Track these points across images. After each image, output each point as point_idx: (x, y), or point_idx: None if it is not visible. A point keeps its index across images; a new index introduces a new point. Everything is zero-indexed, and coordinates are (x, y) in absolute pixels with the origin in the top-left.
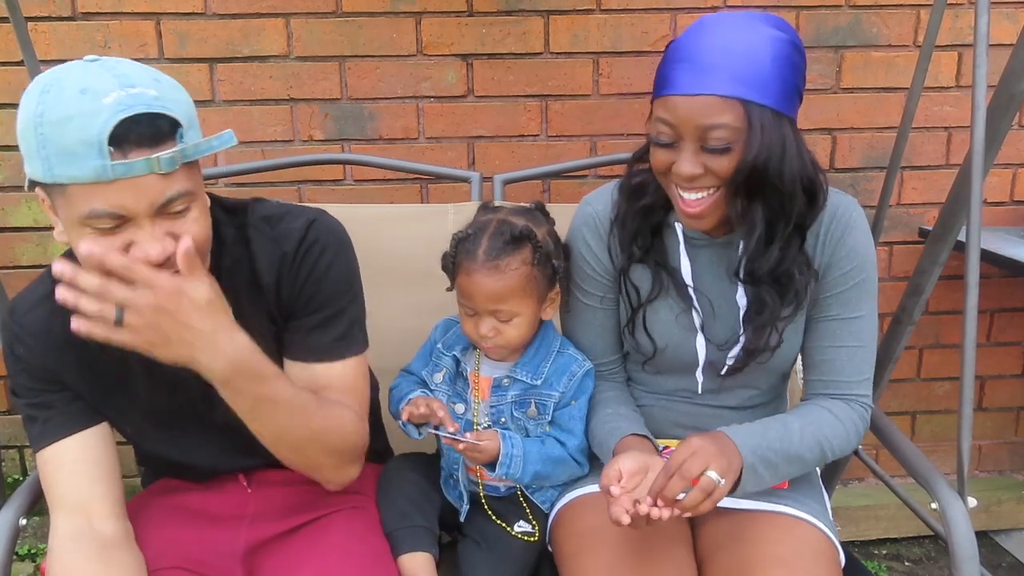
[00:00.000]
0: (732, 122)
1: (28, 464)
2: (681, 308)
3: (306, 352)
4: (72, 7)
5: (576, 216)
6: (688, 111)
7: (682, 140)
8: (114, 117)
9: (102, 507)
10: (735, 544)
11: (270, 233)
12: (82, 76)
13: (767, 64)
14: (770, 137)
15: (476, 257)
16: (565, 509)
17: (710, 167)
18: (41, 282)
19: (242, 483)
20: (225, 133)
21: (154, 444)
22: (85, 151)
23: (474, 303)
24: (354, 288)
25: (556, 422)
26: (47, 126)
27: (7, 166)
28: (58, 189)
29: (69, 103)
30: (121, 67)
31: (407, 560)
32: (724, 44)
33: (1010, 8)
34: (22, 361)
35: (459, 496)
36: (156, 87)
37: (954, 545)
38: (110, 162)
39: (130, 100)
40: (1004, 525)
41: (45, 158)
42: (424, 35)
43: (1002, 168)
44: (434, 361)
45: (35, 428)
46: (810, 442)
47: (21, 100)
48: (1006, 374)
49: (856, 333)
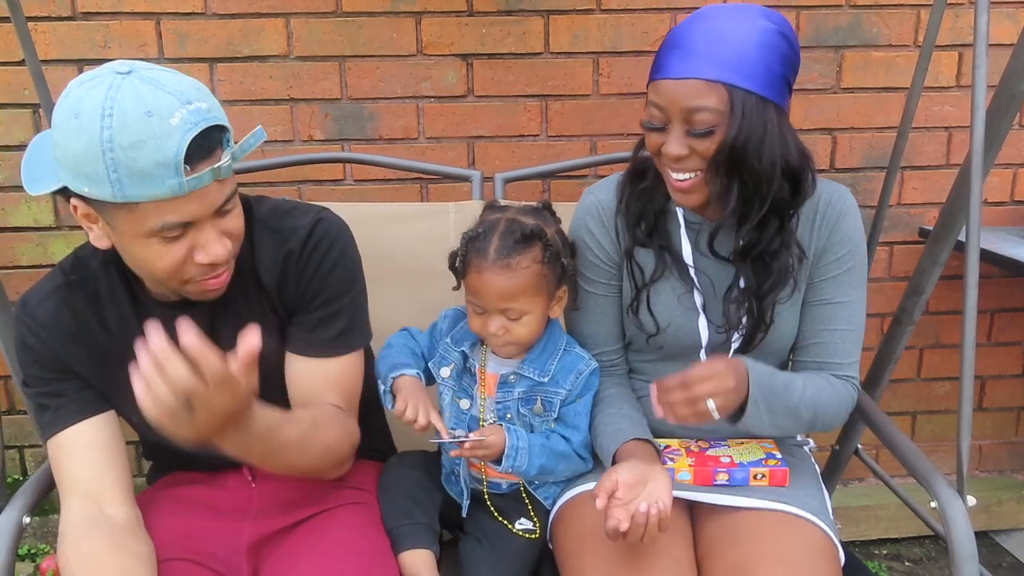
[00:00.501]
0: (715, 105)
1: (28, 464)
2: (683, 289)
3: (309, 347)
4: (72, 7)
5: (579, 206)
6: (675, 94)
7: (670, 123)
8: (185, 138)
9: (113, 493)
10: (735, 542)
11: (275, 228)
12: (139, 96)
13: (752, 51)
14: (751, 121)
15: (487, 255)
16: (566, 507)
17: (695, 148)
18: (52, 276)
19: (246, 477)
20: (258, 130)
21: (160, 434)
22: (162, 172)
23: (484, 301)
24: (358, 284)
25: (561, 418)
26: (119, 151)
27: (7, 166)
28: (120, 207)
29: (138, 127)
30: (166, 79)
31: (408, 557)
32: (713, 31)
33: (1010, 8)
34: (34, 352)
35: (461, 492)
36: (203, 98)
37: (953, 544)
38: (185, 179)
39: (193, 117)
40: (1004, 525)
41: (116, 180)
42: (424, 35)
43: (1002, 168)
44: (442, 354)
45: (46, 416)
46: (808, 403)
47: (70, 124)
48: (1006, 374)
49: (848, 317)
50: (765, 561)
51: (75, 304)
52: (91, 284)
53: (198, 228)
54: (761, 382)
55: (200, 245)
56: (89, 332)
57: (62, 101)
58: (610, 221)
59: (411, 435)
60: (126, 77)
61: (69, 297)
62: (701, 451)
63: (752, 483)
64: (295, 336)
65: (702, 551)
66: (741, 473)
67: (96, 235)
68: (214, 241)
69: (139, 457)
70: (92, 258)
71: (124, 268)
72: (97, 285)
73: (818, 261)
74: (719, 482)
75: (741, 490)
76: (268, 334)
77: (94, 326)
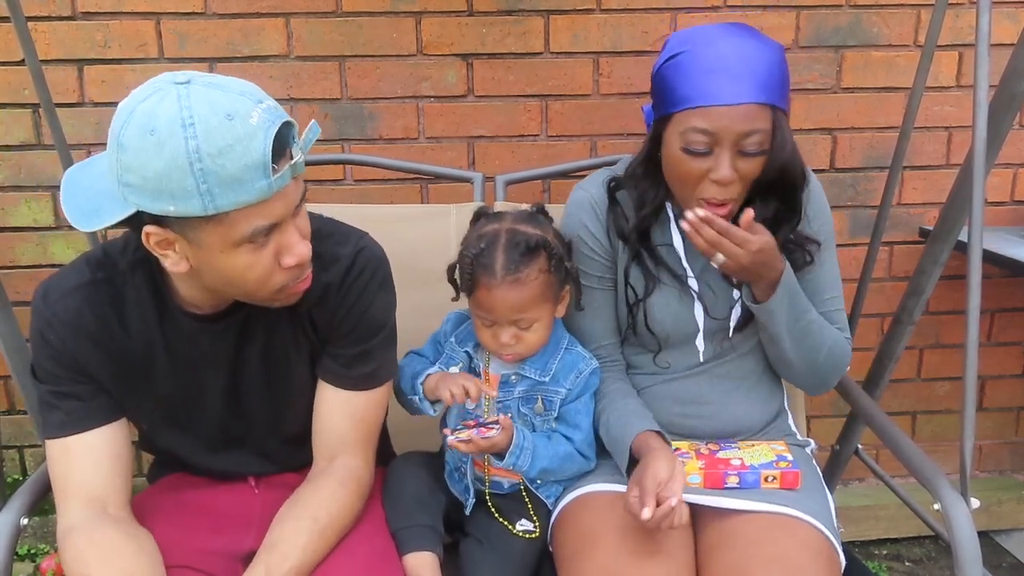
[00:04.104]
0: (766, 127)
1: (28, 464)
2: (678, 286)
3: (343, 380)
4: (72, 7)
5: (571, 202)
6: (730, 120)
7: (719, 147)
8: (268, 135)
9: (116, 498)
10: (733, 544)
11: (315, 252)
12: (213, 101)
13: (777, 71)
14: (785, 136)
15: (495, 273)
16: (567, 509)
17: (741, 171)
18: (77, 270)
19: (250, 484)
20: (312, 124)
21: (169, 441)
22: (252, 175)
23: (495, 315)
24: (391, 320)
25: (562, 417)
26: (207, 160)
27: (7, 166)
28: (207, 221)
29: (223, 132)
30: (228, 83)
31: (412, 559)
32: (746, 55)
33: (1011, 8)
34: (51, 347)
35: (465, 489)
36: (267, 96)
37: (957, 547)
38: (273, 178)
39: (268, 116)
40: (1004, 525)
41: (206, 192)
42: (424, 35)
43: (1002, 168)
44: (448, 354)
45: (55, 416)
46: (820, 328)
47: (146, 142)
48: (1006, 374)
49: (833, 283)
50: (763, 563)
51: (98, 304)
52: (117, 284)
53: (281, 231)
54: (791, 282)
55: (285, 247)
56: (109, 334)
57: (126, 121)
58: (604, 215)
59: (411, 437)
60: (188, 86)
61: (92, 296)
62: (711, 453)
63: (763, 485)
64: (328, 367)
65: (702, 554)
66: (752, 475)
67: (173, 260)
68: (298, 242)
69: (139, 455)
70: (121, 256)
71: (153, 273)
72: (124, 287)
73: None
74: (729, 485)
75: (747, 493)
76: (297, 356)
77: (115, 329)
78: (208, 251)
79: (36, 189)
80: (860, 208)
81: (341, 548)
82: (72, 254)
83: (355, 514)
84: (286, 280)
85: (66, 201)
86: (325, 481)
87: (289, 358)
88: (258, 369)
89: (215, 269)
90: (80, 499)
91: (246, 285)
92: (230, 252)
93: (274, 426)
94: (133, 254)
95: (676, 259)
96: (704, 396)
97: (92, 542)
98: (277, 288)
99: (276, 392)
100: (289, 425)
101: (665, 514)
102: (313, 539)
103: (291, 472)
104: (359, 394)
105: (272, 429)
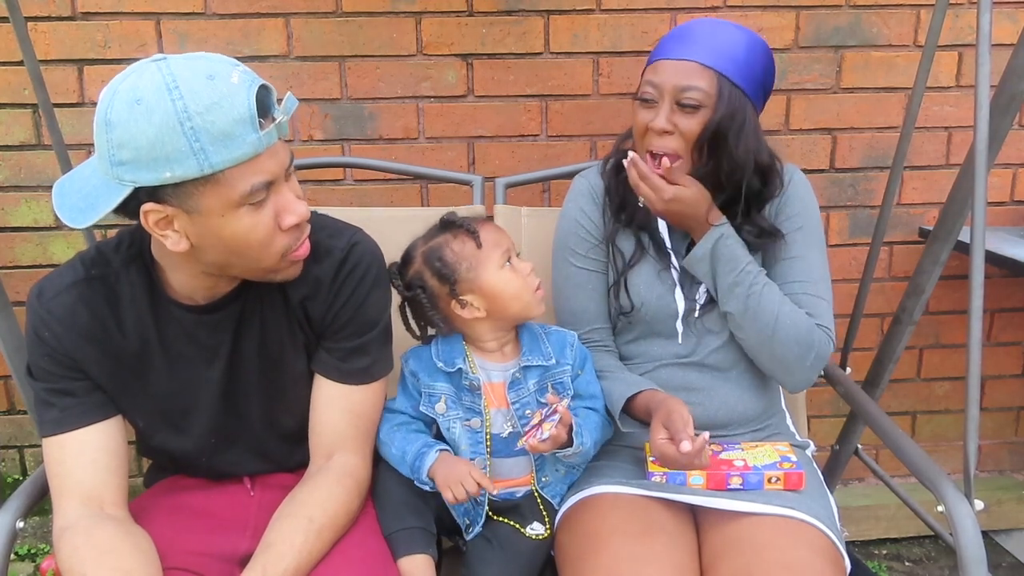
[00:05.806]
0: (705, 87)
1: (28, 464)
2: (661, 266)
3: (340, 374)
4: (72, 7)
5: (572, 189)
6: (671, 72)
7: (662, 100)
8: (251, 91)
9: (114, 497)
10: (741, 550)
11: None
12: (193, 66)
13: (743, 52)
14: (734, 109)
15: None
16: (571, 511)
17: (679, 126)
18: (71, 268)
19: (246, 486)
20: (288, 95)
21: (164, 439)
22: (241, 129)
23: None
24: (387, 314)
25: (578, 393)
26: (196, 118)
27: (7, 166)
28: (204, 184)
29: (207, 91)
30: (202, 54)
31: (406, 563)
32: (711, 30)
33: (1011, 8)
34: (46, 345)
35: (464, 513)
36: (239, 63)
37: (962, 549)
38: (262, 133)
39: (247, 76)
40: (1004, 525)
41: (199, 150)
42: (424, 35)
43: (1002, 168)
44: (426, 393)
45: (51, 413)
46: (769, 298)
47: (135, 112)
48: (1006, 374)
49: (805, 270)
50: (770, 569)
51: (92, 301)
52: (111, 282)
53: (276, 191)
54: (722, 239)
55: (283, 208)
56: (104, 331)
57: (111, 100)
58: (600, 199)
59: None
60: (166, 59)
61: (87, 293)
62: (714, 455)
63: (767, 486)
64: (324, 361)
65: (707, 558)
66: (755, 477)
67: (173, 240)
68: (294, 200)
69: (138, 456)
70: (115, 254)
71: (147, 269)
72: (118, 284)
73: (773, 222)
74: (733, 486)
75: (751, 494)
76: (293, 350)
77: (110, 326)
78: (208, 217)
79: (36, 189)
80: (860, 208)
81: (338, 551)
82: (72, 254)
83: (352, 514)
84: (288, 243)
85: (59, 206)
86: (322, 480)
87: (285, 351)
88: (254, 362)
89: (218, 238)
90: (77, 497)
91: (250, 251)
92: (231, 216)
93: (269, 421)
94: (127, 251)
95: (661, 241)
96: (692, 383)
97: (88, 540)
98: (280, 253)
99: (272, 385)
100: (284, 420)
101: (701, 447)
102: (310, 539)
103: (287, 473)
104: (355, 389)
105: (267, 425)
